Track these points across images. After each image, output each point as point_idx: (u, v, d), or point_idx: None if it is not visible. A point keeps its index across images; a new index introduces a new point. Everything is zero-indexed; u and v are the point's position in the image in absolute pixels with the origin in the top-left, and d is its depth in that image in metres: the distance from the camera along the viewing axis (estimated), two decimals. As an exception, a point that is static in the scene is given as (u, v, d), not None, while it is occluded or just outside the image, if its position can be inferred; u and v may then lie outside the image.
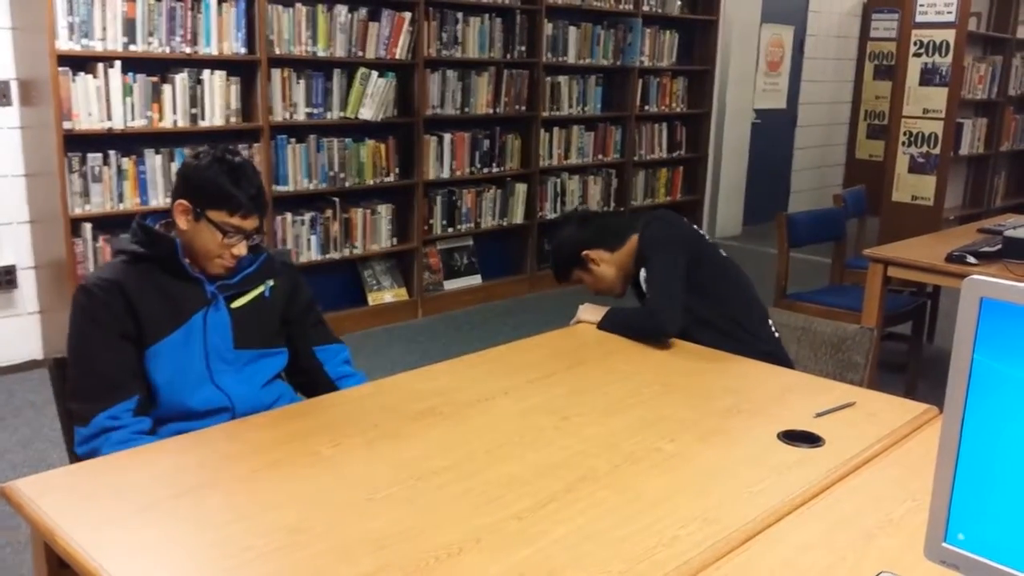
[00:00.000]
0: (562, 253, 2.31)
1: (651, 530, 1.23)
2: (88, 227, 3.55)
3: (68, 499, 1.28)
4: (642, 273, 2.16)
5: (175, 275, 1.69)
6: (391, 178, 4.58)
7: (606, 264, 2.27)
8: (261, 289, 1.80)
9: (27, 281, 3.69)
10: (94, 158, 3.53)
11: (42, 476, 1.37)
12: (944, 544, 0.95)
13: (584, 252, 2.26)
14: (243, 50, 3.87)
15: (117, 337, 1.62)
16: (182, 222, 1.69)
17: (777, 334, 2.17)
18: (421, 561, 1.14)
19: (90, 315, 1.63)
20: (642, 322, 2.09)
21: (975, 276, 0.93)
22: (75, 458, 1.61)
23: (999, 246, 3.08)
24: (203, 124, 3.80)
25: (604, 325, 2.15)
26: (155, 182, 3.71)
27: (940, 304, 4.25)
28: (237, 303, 1.76)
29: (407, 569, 1.12)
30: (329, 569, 1.13)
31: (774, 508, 1.30)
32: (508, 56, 5.01)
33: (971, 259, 3.02)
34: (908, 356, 3.77)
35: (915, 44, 5.37)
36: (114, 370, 1.62)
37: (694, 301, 2.09)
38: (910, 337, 3.81)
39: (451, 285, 5.00)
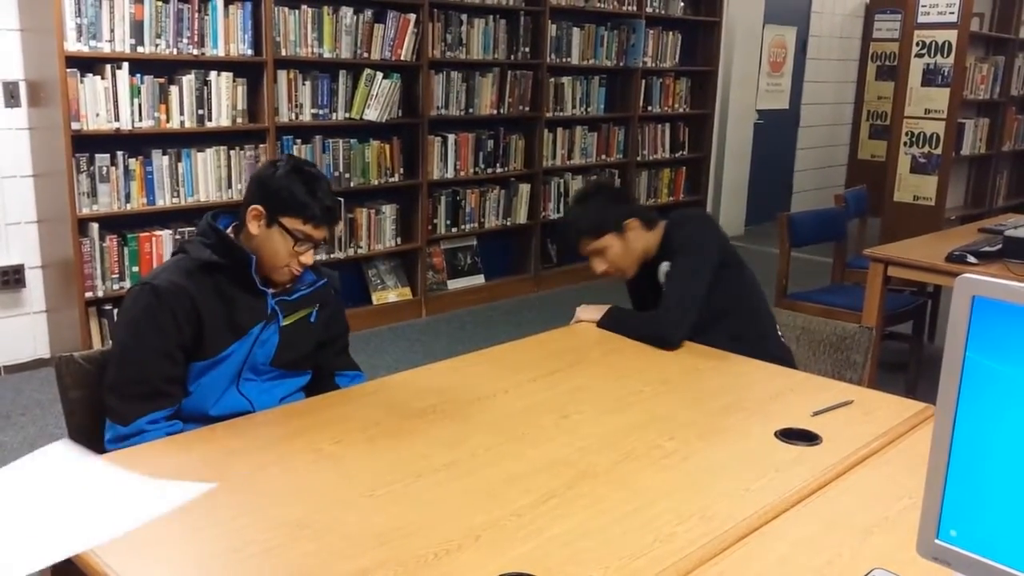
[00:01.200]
0: (605, 212, 2.16)
1: (649, 527, 1.25)
2: (95, 227, 3.58)
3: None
4: (663, 266, 2.15)
5: (242, 286, 1.70)
6: (396, 178, 4.60)
7: (637, 239, 2.18)
8: (309, 311, 1.80)
9: (35, 280, 3.72)
10: (102, 158, 3.56)
11: (51, 472, 1.39)
12: (937, 541, 0.97)
13: (628, 219, 2.17)
14: (250, 52, 3.90)
15: (175, 347, 1.63)
16: (254, 227, 1.70)
17: (783, 340, 2.19)
18: (421, 557, 1.16)
19: (153, 317, 1.61)
20: (649, 327, 2.07)
21: (967, 275, 0.94)
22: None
23: (999, 246, 3.09)
24: (210, 125, 3.82)
25: (605, 323, 2.14)
26: (162, 182, 3.73)
27: (941, 304, 4.26)
28: (287, 321, 1.77)
29: (408, 565, 1.14)
30: (331, 564, 1.15)
31: (771, 505, 1.31)
32: (512, 57, 5.03)
33: (971, 259, 3.03)
34: (909, 355, 3.78)
35: (917, 45, 5.38)
36: (163, 378, 1.62)
37: (713, 304, 2.08)
38: (911, 336, 3.82)
39: (455, 284, 5.02)
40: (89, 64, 3.50)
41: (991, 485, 0.93)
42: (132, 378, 1.60)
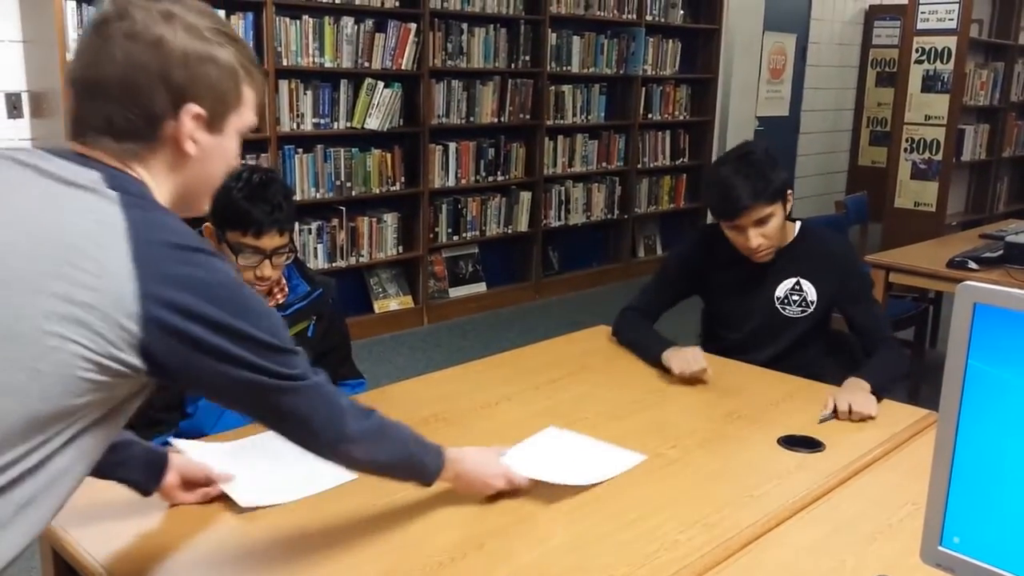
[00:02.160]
0: (777, 179, 1.91)
1: (653, 535, 1.25)
2: (97, 237, 3.59)
3: (76, 505, 1.29)
4: (806, 284, 1.99)
5: None
6: (397, 187, 4.61)
7: (786, 216, 1.97)
8: (306, 325, 1.77)
9: (37, 290, 3.72)
10: (103, 169, 3.57)
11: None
12: (940, 547, 0.97)
13: (790, 191, 1.97)
14: (250, 61, 3.91)
15: None
16: (214, 247, 1.66)
17: None
18: (425, 566, 1.16)
19: None
20: (905, 364, 1.96)
21: (968, 282, 0.95)
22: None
23: (1001, 251, 3.09)
24: (210, 135, 3.83)
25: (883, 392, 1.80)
26: (163, 192, 3.74)
27: (943, 310, 4.26)
28: None
29: (412, 573, 1.14)
30: (334, 573, 1.15)
31: (774, 513, 1.32)
32: (513, 66, 5.05)
33: (973, 265, 3.03)
34: (911, 362, 3.78)
35: (917, 51, 5.39)
36: (159, 407, 1.60)
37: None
38: (913, 343, 3.81)
39: (456, 292, 5.02)
40: (91, 75, 3.51)
41: (994, 492, 0.93)
42: None
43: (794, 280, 2.00)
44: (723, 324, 2.14)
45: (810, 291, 1.99)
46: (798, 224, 2.05)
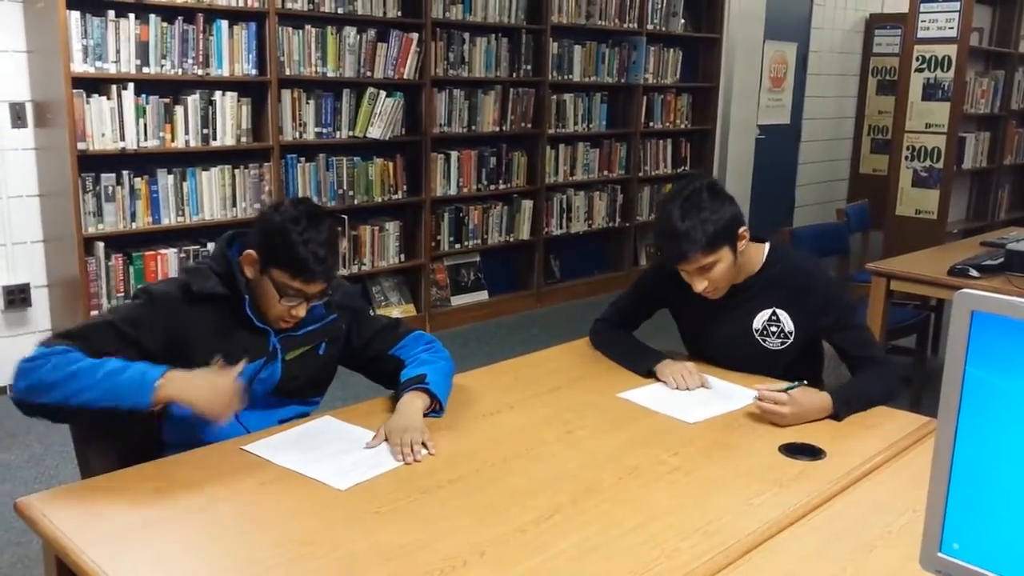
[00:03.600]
0: (720, 221, 1.80)
1: (653, 542, 1.25)
2: (101, 246, 3.60)
3: (80, 513, 1.31)
4: (782, 315, 1.92)
5: (243, 321, 1.65)
6: (399, 195, 4.62)
7: (743, 252, 1.88)
8: (316, 344, 1.76)
9: (40, 299, 3.74)
10: (107, 178, 3.58)
11: (55, 491, 1.40)
12: (939, 554, 0.97)
13: (743, 228, 1.86)
14: (254, 71, 3.94)
15: (135, 339, 1.56)
16: (249, 272, 1.65)
17: None
18: (427, 574, 1.16)
19: (135, 308, 1.60)
20: (887, 391, 1.83)
21: (966, 290, 0.95)
22: (88, 473, 1.61)
23: (1002, 259, 3.10)
24: (214, 144, 3.85)
25: (845, 414, 1.74)
26: (167, 201, 3.76)
27: (944, 317, 4.26)
28: (291, 355, 1.72)
29: (414, 580, 1.15)
30: (338, 580, 1.15)
31: (775, 520, 1.32)
32: (514, 75, 5.07)
33: (973, 272, 3.04)
34: (912, 369, 3.78)
35: (917, 59, 5.41)
36: (105, 345, 1.53)
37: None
38: (914, 350, 3.81)
39: (458, 301, 5.03)
40: (95, 85, 3.53)
41: (993, 498, 0.93)
42: (82, 335, 1.52)
43: (770, 311, 1.93)
44: (704, 352, 2.07)
45: (787, 322, 1.92)
46: (767, 247, 1.96)
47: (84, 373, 1.43)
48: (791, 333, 1.93)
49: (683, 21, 6.12)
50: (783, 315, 1.93)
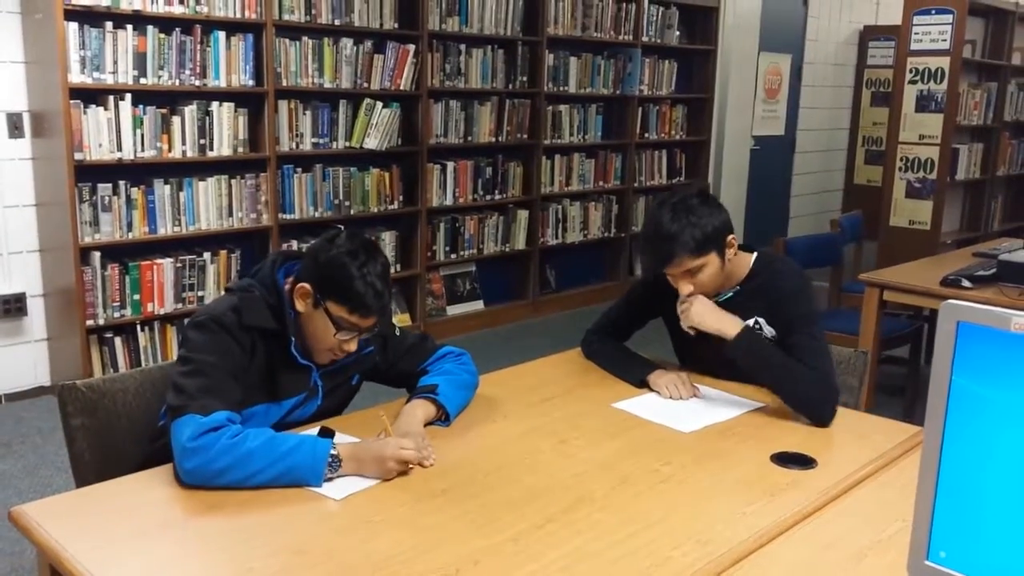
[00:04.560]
0: (709, 226, 1.83)
1: (645, 551, 1.26)
2: (97, 256, 3.61)
3: (75, 523, 1.31)
4: (764, 324, 1.93)
5: (285, 357, 1.63)
6: (395, 205, 4.64)
7: (730, 260, 1.91)
8: (349, 375, 1.77)
9: (36, 309, 3.74)
10: (104, 188, 3.59)
11: (49, 500, 1.40)
12: (926, 562, 0.98)
13: (731, 236, 1.89)
14: (251, 82, 3.95)
15: (234, 375, 1.55)
16: (300, 305, 1.61)
17: None
18: (421, 581, 1.17)
19: (221, 342, 1.54)
20: (811, 388, 1.76)
21: (951, 301, 0.97)
22: (82, 482, 1.62)
23: (994, 270, 3.12)
24: (211, 154, 3.87)
25: (739, 352, 1.81)
26: (164, 211, 3.77)
27: (937, 328, 4.27)
28: (329, 387, 1.74)
29: (408, 588, 1.15)
30: (332, 589, 1.15)
31: (766, 529, 1.33)
32: (510, 86, 5.09)
33: (966, 283, 3.05)
34: (905, 379, 3.80)
35: (911, 71, 5.44)
36: (232, 388, 1.53)
37: None
38: (907, 360, 3.83)
39: (454, 310, 5.04)
40: (92, 95, 3.55)
41: (979, 507, 0.94)
42: (205, 382, 1.48)
43: (753, 321, 1.93)
44: (695, 361, 2.07)
45: (768, 331, 1.94)
46: (754, 256, 1.98)
47: (257, 456, 1.41)
48: (773, 339, 1.94)
49: (678, 33, 6.16)
50: (765, 324, 1.94)
